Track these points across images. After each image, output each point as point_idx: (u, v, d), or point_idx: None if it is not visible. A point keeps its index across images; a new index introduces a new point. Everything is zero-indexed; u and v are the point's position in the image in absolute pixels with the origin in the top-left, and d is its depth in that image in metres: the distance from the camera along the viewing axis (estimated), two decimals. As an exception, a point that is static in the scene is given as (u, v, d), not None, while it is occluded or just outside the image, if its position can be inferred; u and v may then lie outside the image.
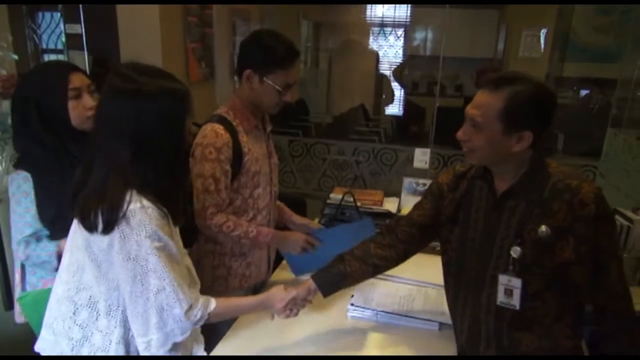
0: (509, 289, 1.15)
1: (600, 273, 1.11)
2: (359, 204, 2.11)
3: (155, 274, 1.02)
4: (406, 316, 1.53)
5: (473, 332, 1.29)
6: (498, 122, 1.08)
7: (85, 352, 1.10)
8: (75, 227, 1.08)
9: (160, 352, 1.08)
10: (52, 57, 3.99)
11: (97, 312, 1.08)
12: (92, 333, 1.09)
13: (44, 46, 3.92)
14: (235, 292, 1.64)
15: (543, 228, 1.09)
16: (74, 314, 1.09)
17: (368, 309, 1.57)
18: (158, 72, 1.08)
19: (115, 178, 1.01)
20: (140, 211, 1.01)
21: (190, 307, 1.08)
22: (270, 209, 1.70)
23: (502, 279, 1.16)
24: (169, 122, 1.04)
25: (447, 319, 1.46)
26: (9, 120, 1.77)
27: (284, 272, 1.82)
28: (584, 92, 5.43)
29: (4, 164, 2.25)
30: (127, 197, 1.01)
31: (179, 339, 1.09)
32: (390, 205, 2.19)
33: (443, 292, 1.60)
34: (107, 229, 1.00)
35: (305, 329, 1.49)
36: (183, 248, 1.22)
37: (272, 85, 1.48)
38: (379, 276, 1.75)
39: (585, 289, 1.14)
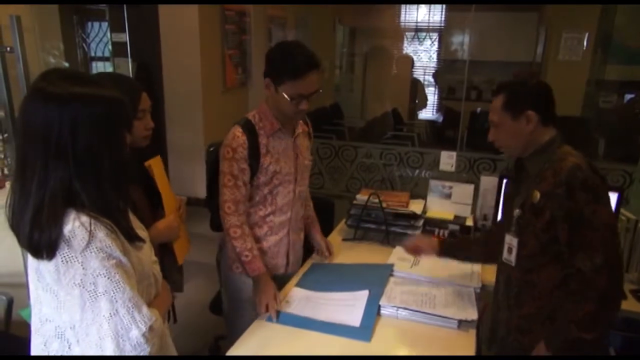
0: (510, 247, 1.36)
1: (576, 237, 1.22)
2: (384, 204, 2.15)
3: (106, 296, 0.93)
4: (426, 313, 1.55)
5: (496, 301, 1.49)
6: (505, 113, 1.32)
7: None
8: (29, 257, 0.98)
9: None
10: (100, 64, 4.25)
11: (68, 342, 1.00)
12: None
13: (93, 54, 4.19)
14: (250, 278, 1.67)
15: (536, 193, 1.27)
16: (45, 345, 1.02)
17: (389, 305, 1.61)
18: (90, 79, 0.99)
19: (53, 197, 0.92)
20: (80, 230, 0.91)
21: (150, 329, 0.97)
22: (292, 208, 1.75)
23: (507, 237, 1.36)
24: (107, 131, 0.95)
25: (466, 316, 1.49)
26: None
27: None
28: (628, 96, 5.24)
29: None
30: (65, 217, 0.92)
31: None
32: (415, 206, 2.21)
33: (461, 290, 1.67)
34: (49, 254, 0.91)
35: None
36: (153, 256, 1.15)
37: (283, 95, 1.53)
38: (399, 274, 1.80)
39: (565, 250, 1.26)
